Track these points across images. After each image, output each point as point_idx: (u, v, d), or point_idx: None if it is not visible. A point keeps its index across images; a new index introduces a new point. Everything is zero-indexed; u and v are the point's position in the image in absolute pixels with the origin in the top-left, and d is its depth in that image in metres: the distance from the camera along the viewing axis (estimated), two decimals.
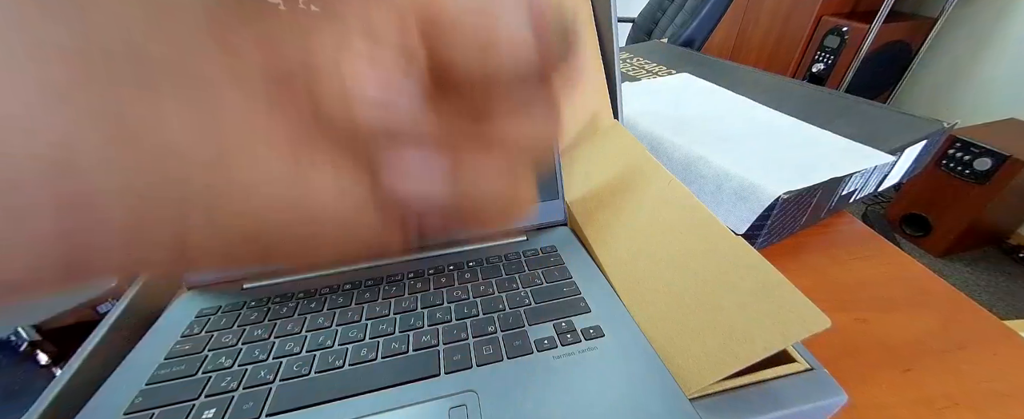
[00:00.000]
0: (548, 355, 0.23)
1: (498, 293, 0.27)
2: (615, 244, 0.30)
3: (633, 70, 0.66)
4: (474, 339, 0.24)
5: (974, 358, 0.31)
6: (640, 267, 0.27)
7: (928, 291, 0.37)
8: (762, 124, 0.47)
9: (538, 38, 0.08)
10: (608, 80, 0.40)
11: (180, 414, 0.21)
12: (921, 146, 0.46)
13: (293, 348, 0.24)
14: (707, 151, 0.41)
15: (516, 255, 0.31)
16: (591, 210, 0.33)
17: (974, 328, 0.33)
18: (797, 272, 0.39)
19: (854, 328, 0.33)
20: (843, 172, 0.38)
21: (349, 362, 0.23)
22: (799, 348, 0.23)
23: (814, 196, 0.38)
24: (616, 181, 0.34)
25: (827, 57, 1.67)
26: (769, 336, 0.20)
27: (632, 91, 0.57)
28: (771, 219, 0.36)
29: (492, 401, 0.20)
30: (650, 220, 0.29)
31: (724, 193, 0.39)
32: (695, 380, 0.21)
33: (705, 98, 0.54)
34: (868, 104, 0.51)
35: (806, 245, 0.42)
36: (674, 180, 0.30)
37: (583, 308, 0.26)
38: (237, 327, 0.26)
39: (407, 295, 0.28)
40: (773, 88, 0.57)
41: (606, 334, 0.24)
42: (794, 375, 0.22)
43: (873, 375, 0.29)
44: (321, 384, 0.22)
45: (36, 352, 0.28)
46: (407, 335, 0.24)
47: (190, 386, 0.22)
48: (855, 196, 0.45)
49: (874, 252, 0.41)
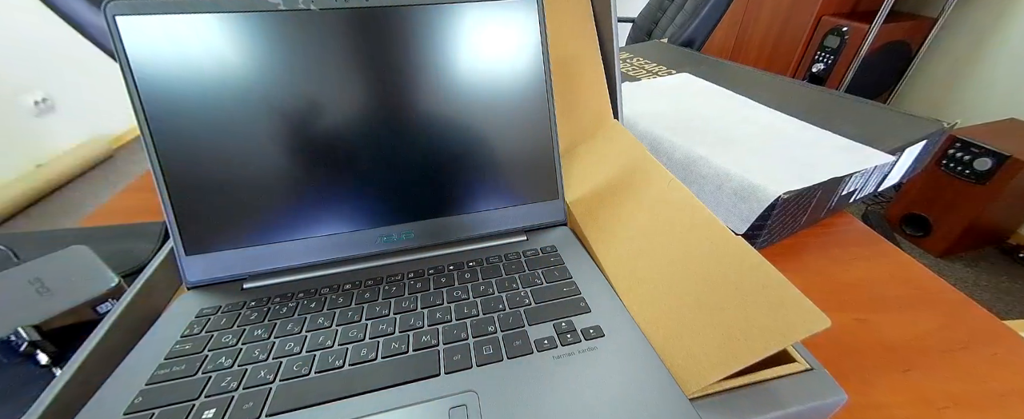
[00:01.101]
0: (548, 355, 0.23)
1: (498, 293, 0.27)
2: (615, 244, 0.30)
3: (633, 70, 0.66)
4: (474, 339, 0.24)
5: (974, 358, 0.31)
6: (640, 267, 0.27)
7: (928, 291, 0.37)
8: (762, 124, 0.47)
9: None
10: (608, 80, 0.40)
11: (180, 414, 0.21)
12: (921, 146, 0.46)
13: (293, 348, 0.24)
14: (707, 151, 0.41)
15: (516, 255, 0.31)
16: (591, 210, 0.33)
17: (974, 328, 0.33)
18: (797, 272, 0.39)
19: (854, 328, 0.33)
20: (843, 172, 0.38)
21: (349, 362, 0.23)
22: (799, 348, 0.23)
23: (814, 196, 0.38)
24: (616, 181, 0.34)
25: (827, 57, 1.67)
26: (769, 336, 0.20)
27: (632, 91, 0.57)
28: (771, 219, 0.36)
29: (492, 401, 0.20)
30: (650, 220, 0.29)
31: (724, 193, 0.39)
32: (695, 380, 0.21)
33: (705, 98, 0.54)
34: (868, 104, 0.51)
35: (806, 245, 0.42)
36: (674, 180, 0.30)
37: (583, 308, 0.26)
38: (237, 327, 0.26)
39: (407, 295, 0.28)
40: (773, 88, 0.57)
41: (606, 334, 0.24)
42: (794, 375, 0.22)
43: (873, 375, 0.29)
44: (321, 384, 0.22)
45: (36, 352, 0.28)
46: (407, 335, 0.24)
47: (190, 386, 0.22)
48: (855, 196, 0.45)
49: (874, 252, 0.41)
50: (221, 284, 0.30)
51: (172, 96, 0.26)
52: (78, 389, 0.23)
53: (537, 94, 0.32)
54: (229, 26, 0.26)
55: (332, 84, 0.28)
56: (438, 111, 0.30)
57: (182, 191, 0.28)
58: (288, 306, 0.27)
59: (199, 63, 0.26)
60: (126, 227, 0.44)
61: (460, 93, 0.30)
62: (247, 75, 0.27)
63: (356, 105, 0.29)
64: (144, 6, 0.25)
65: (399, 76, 0.29)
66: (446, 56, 0.30)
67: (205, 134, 0.27)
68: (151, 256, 0.37)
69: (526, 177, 0.33)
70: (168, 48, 0.26)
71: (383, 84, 0.29)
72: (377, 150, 0.30)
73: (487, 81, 0.31)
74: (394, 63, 0.29)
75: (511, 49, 0.31)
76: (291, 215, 0.29)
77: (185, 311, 0.28)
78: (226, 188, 0.28)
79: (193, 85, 0.26)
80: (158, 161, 0.27)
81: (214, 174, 0.28)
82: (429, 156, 0.31)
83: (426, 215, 0.32)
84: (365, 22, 0.28)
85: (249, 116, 0.27)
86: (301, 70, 0.28)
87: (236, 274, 0.30)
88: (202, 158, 0.27)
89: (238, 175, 0.28)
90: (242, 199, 0.28)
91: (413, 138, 0.30)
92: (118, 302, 0.28)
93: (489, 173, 0.32)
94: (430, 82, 0.30)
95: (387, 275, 0.30)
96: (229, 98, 0.27)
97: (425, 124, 0.30)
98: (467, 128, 0.31)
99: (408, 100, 0.30)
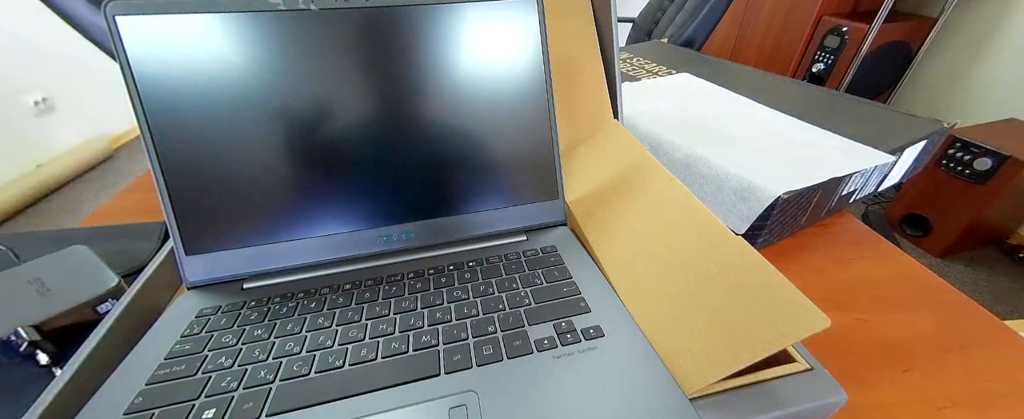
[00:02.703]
0: (548, 355, 0.23)
1: (498, 293, 0.27)
2: (615, 244, 0.30)
3: (633, 70, 0.66)
4: (474, 339, 0.24)
5: (974, 358, 0.31)
6: (640, 267, 0.27)
7: (928, 291, 0.37)
8: (762, 124, 0.47)
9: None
10: (608, 80, 0.40)
11: (180, 414, 0.21)
12: (921, 146, 0.46)
13: (293, 348, 0.24)
14: (707, 151, 0.41)
15: (516, 255, 0.31)
16: (591, 210, 0.33)
17: (974, 328, 0.33)
18: (797, 272, 0.39)
19: (854, 328, 0.33)
20: (843, 172, 0.38)
21: (349, 362, 0.23)
22: (799, 348, 0.23)
23: (814, 196, 0.38)
24: (616, 181, 0.34)
25: (827, 57, 1.67)
26: (769, 336, 0.20)
27: (632, 91, 0.57)
28: (771, 219, 0.36)
29: (492, 401, 0.20)
30: (650, 220, 0.29)
31: (724, 193, 0.39)
32: (695, 380, 0.21)
33: (705, 98, 0.54)
34: (868, 104, 0.51)
35: (806, 245, 0.42)
36: (674, 180, 0.30)
37: (583, 308, 0.26)
38: (237, 327, 0.26)
39: (407, 295, 0.28)
40: (773, 88, 0.57)
41: (606, 334, 0.24)
42: (794, 375, 0.22)
43: (873, 375, 0.29)
44: (321, 384, 0.22)
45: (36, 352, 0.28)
46: (407, 335, 0.24)
47: (190, 386, 0.22)
48: (855, 196, 0.45)
49: (874, 252, 0.41)
50: (221, 284, 0.30)
51: (172, 96, 0.26)
52: (78, 389, 0.23)
53: (537, 94, 0.32)
54: (229, 26, 0.26)
55: (332, 84, 0.28)
56: (438, 111, 0.30)
57: (182, 191, 0.28)
58: (288, 306, 0.27)
59: (199, 63, 0.26)
60: (126, 227, 0.44)
61: (460, 93, 0.30)
62: (247, 75, 0.27)
63: (356, 105, 0.29)
64: (144, 6, 0.25)
65: (399, 76, 0.29)
66: (446, 56, 0.30)
67: (205, 134, 0.27)
68: (151, 256, 0.37)
69: (526, 177, 0.33)
70: (168, 48, 0.26)
71: (383, 84, 0.29)
72: (377, 150, 0.30)
73: (487, 81, 0.31)
74: (394, 63, 0.29)
75: (511, 49, 0.31)
76: (291, 215, 0.29)
77: (185, 311, 0.28)
78: (226, 188, 0.28)
79: (193, 85, 0.26)
80: (158, 161, 0.27)
81: (214, 174, 0.28)
82: (429, 156, 0.31)
83: (426, 215, 0.32)
84: (365, 22, 0.28)
85: (249, 116, 0.27)
86: (301, 70, 0.28)
87: (236, 274, 0.30)
88: (202, 158, 0.27)
89: (238, 175, 0.28)
90: (242, 199, 0.28)
91: (413, 138, 0.30)
92: (118, 302, 0.28)
93: (489, 173, 0.32)
94: (430, 82, 0.30)
95: (387, 275, 0.30)
96: (229, 98, 0.27)
97: (425, 124, 0.30)
98: (467, 128, 0.31)
99: (408, 100, 0.30)
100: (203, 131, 0.27)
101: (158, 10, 0.25)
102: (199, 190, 0.28)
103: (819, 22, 1.66)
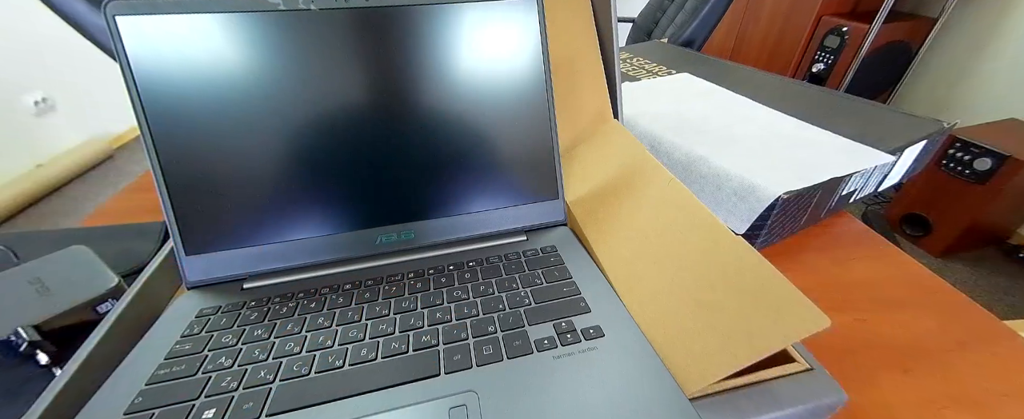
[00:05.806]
0: (548, 355, 0.23)
1: (498, 293, 0.27)
2: (615, 244, 0.30)
3: (633, 70, 0.66)
4: (474, 339, 0.24)
5: (974, 358, 0.31)
6: (640, 267, 0.27)
7: (928, 291, 0.37)
8: (762, 124, 0.47)
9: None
10: (608, 80, 0.40)
11: (180, 414, 0.21)
12: (921, 146, 0.46)
13: (293, 348, 0.24)
14: (707, 151, 0.41)
15: (516, 255, 0.31)
16: (591, 210, 0.33)
17: (974, 328, 0.33)
18: (797, 272, 0.39)
19: (854, 328, 0.33)
20: (843, 172, 0.38)
21: (349, 362, 0.23)
22: (799, 348, 0.23)
23: (814, 196, 0.38)
24: (616, 181, 0.34)
25: (827, 57, 1.67)
26: (769, 336, 0.20)
27: (632, 91, 0.57)
28: (771, 219, 0.36)
29: (492, 401, 0.20)
30: (650, 220, 0.29)
31: (724, 193, 0.39)
32: (695, 380, 0.21)
33: (705, 98, 0.54)
34: (868, 104, 0.51)
35: (806, 245, 0.42)
36: (674, 180, 0.30)
37: (583, 308, 0.26)
38: (237, 327, 0.26)
39: (407, 295, 0.28)
40: (773, 88, 0.57)
41: (606, 334, 0.24)
42: (794, 375, 0.22)
43: (873, 375, 0.29)
44: (321, 384, 0.22)
45: (36, 352, 0.28)
46: (407, 335, 0.24)
47: (190, 386, 0.22)
48: (855, 196, 0.45)
49: (874, 252, 0.41)
50: (221, 284, 0.30)
51: (172, 96, 0.26)
52: (78, 389, 0.23)
53: (537, 94, 0.32)
54: (229, 26, 0.26)
55: (332, 84, 0.28)
56: (438, 111, 0.30)
57: (182, 191, 0.28)
58: (288, 306, 0.27)
59: (199, 63, 0.26)
60: (126, 227, 0.44)
61: (460, 93, 0.30)
62: (247, 75, 0.27)
63: (356, 105, 0.29)
64: (144, 6, 0.25)
65: (399, 76, 0.29)
66: (446, 56, 0.30)
67: (205, 134, 0.27)
68: (151, 256, 0.37)
69: (526, 177, 0.33)
70: (168, 48, 0.26)
71: (383, 84, 0.29)
72: (377, 150, 0.30)
73: (487, 81, 0.31)
74: (394, 63, 0.29)
75: (511, 49, 0.31)
76: (291, 215, 0.29)
77: (185, 311, 0.28)
78: (226, 188, 0.28)
79: (193, 85, 0.26)
80: (158, 161, 0.27)
81: (214, 174, 0.28)
82: (429, 156, 0.31)
83: (426, 215, 0.32)
84: (365, 22, 0.28)
85: (249, 116, 0.27)
86: (301, 70, 0.28)
87: (236, 274, 0.30)
88: (202, 158, 0.27)
89: (238, 175, 0.28)
90: (242, 199, 0.28)
91: (413, 138, 0.30)
92: (118, 302, 0.28)
93: (489, 173, 0.32)
94: (430, 82, 0.30)
95: (387, 275, 0.30)
96: (229, 98, 0.27)
97: (425, 124, 0.30)
98: (467, 128, 0.31)
99: (408, 100, 0.30)
100: (203, 131, 0.27)
101: (158, 10, 0.25)
102: (199, 190, 0.28)
103: (819, 22, 1.66)
